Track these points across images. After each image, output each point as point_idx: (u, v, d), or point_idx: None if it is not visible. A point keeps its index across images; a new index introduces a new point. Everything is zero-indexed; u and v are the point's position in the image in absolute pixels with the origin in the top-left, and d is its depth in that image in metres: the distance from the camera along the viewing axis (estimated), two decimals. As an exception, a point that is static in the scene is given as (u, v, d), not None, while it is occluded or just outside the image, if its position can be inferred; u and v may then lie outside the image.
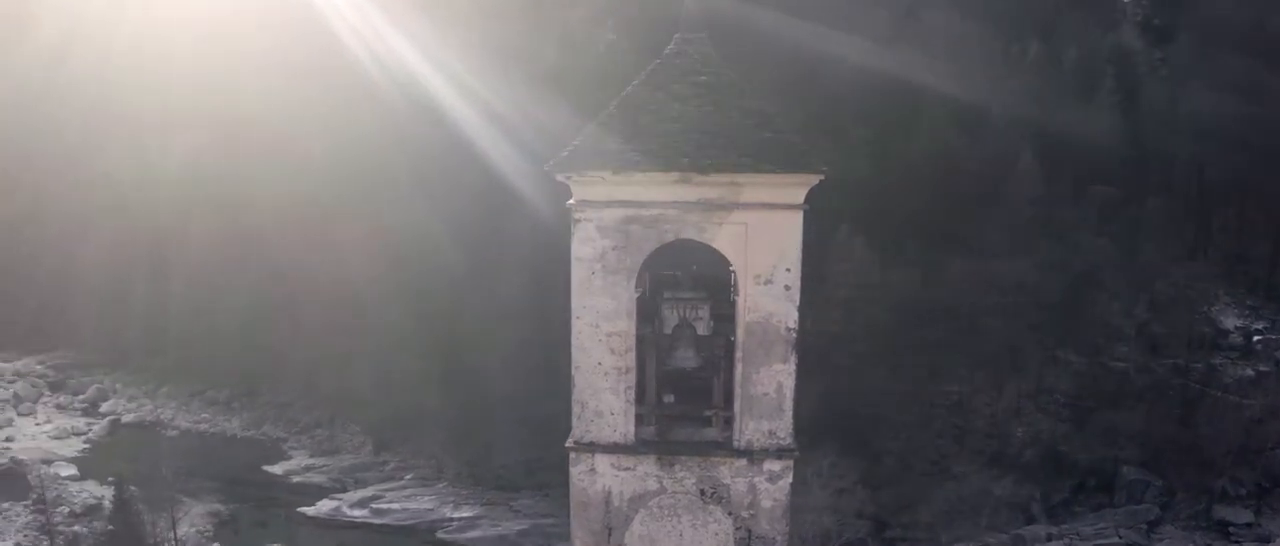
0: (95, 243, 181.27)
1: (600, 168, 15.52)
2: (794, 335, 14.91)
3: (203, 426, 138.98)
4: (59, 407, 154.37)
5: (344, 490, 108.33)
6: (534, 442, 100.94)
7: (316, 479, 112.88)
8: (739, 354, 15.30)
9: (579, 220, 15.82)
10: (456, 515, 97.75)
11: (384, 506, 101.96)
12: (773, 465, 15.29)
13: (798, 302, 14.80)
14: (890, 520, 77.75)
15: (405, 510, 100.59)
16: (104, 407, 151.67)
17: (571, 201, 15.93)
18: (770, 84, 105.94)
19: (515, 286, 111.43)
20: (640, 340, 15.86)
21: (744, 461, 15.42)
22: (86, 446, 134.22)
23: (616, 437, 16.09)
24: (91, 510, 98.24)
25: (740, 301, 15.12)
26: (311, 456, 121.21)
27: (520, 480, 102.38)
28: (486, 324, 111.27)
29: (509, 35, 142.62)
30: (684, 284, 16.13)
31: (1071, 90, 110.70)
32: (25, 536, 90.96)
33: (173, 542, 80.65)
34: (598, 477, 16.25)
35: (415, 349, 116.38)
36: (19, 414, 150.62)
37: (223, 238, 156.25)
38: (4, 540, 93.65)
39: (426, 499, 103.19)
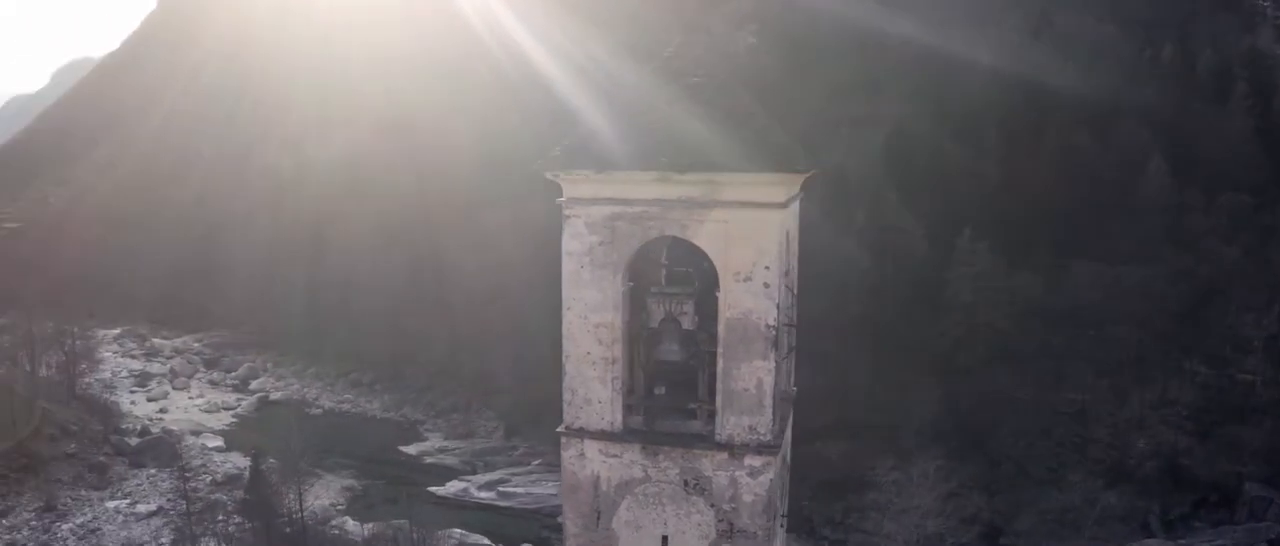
0: (255, 231, 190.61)
1: (585, 166, 16.01)
2: (774, 332, 14.96)
3: (345, 406, 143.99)
4: (212, 383, 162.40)
5: (473, 472, 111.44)
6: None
7: (448, 461, 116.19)
8: (720, 349, 15.51)
9: (569, 216, 16.35)
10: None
11: (510, 490, 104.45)
12: (753, 460, 15.41)
13: (778, 300, 14.83)
14: (1004, 526, 75.96)
15: (529, 494, 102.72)
16: (253, 385, 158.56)
17: (561, 199, 16.46)
18: (902, 87, 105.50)
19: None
20: (628, 332, 16.23)
21: (725, 455, 15.58)
22: (234, 421, 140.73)
23: (604, 425, 16.50)
24: (232, 480, 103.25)
25: (721, 298, 15.28)
26: (446, 439, 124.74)
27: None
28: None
29: (648, 37, 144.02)
30: (671, 279, 16.40)
31: (1205, 94, 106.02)
32: (168, 501, 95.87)
33: (299, 512, 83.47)
34: (587, 463, 16.69)
35: (550, 338, 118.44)
36: (174, 388, 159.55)
37: (373, 228, 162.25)
38: (149, 503, 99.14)
39: (550, 484, 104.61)
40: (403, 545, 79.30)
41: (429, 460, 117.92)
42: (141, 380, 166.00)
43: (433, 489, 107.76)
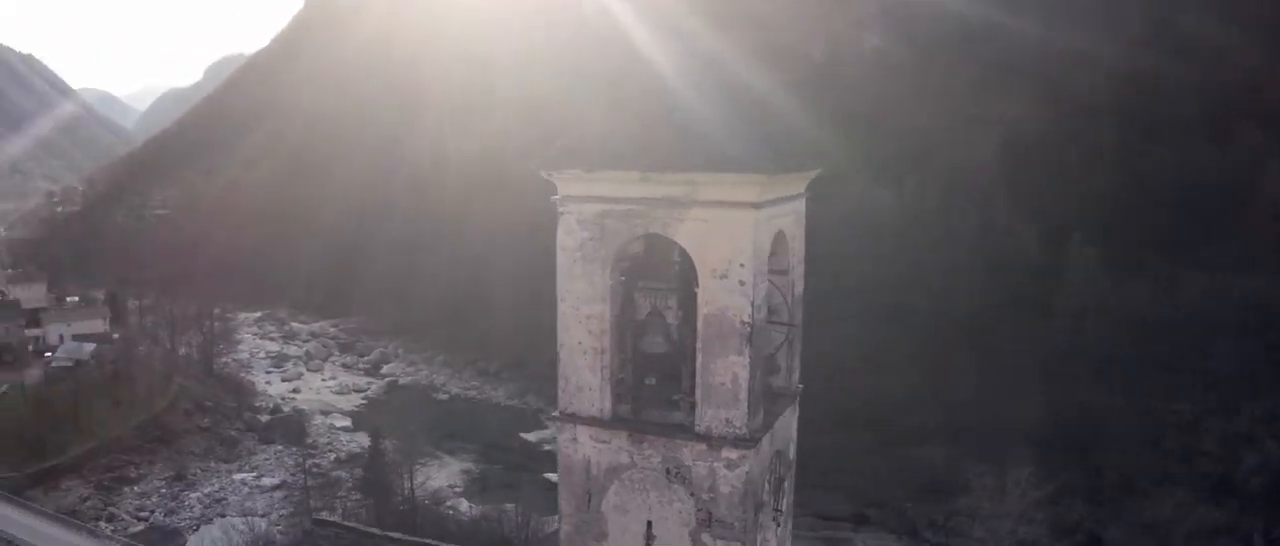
0: (394, 221, 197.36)
1: (574, 165, 16.65)
2: (748, 329, 15.27)
3: (471, 392, 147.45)
4: (345, 367, 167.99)
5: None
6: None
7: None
8: (699, 344, 15.98)
9: (562, 213, 17.01)
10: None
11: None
12: (730, 452, 15.76)
13: (752, 298, 15.14)
14: (1104, 535, 73.49)
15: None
16: (385, 369, 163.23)
17: (556, 196, 17.19)
18: (1020, 87, 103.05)
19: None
20: (616, 324, 16.84)
21: (704, 446, 16.00)
22: (363, 402, 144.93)
23: (594, 411, 17.08)
24: (354, 458, 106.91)
25: (699, 294, 15.69)
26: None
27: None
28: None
29: (775, 37, 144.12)
30: (657, 274, 16.87)
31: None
32: (291, 475, 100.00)
33: (412, 492, 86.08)
34: (579, 446, 17.36)
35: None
36: (309, 370, 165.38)
37: (507, 220, 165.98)
38: (274, 477, 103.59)
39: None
40: (508, 526, 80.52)
41: (547, 447, 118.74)
42: (278, 361, 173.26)
43: (547, 475, 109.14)
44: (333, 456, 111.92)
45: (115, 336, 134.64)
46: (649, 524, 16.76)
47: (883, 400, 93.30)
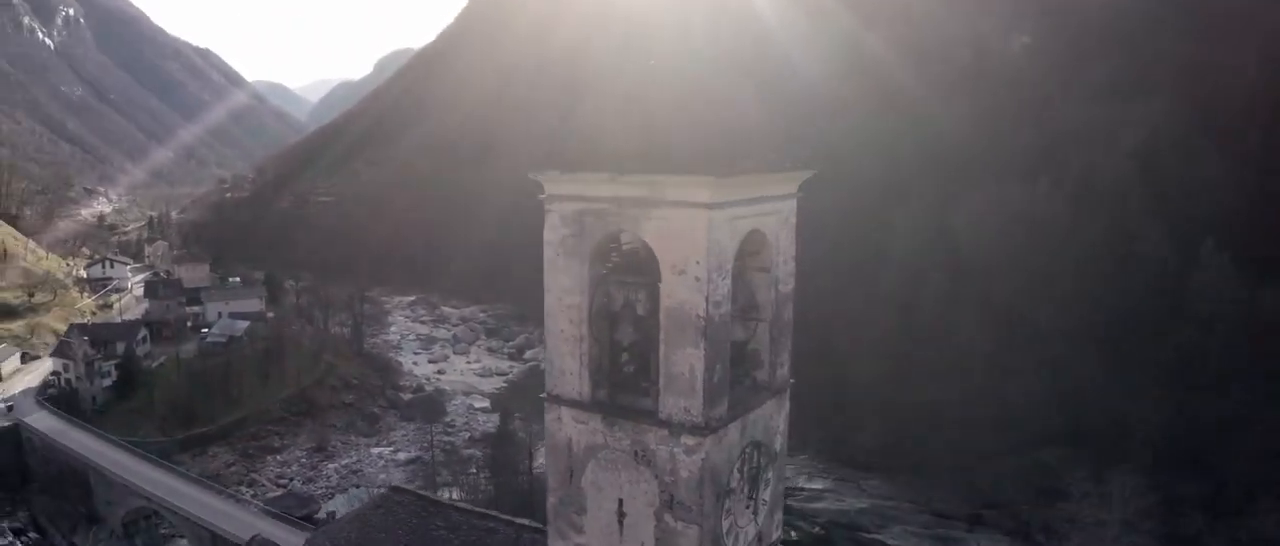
0: (538, 209, 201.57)
1: (554, 166, 17.86)
2: (703, 323, 16.02)
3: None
4: (490, 350, 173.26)
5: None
6: (890, 428, 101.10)
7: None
8: (661, 335, 16.89)
9: (548, 210, 18.25)
10: (808, 486, 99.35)
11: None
12: (688, 439, 16.58)
13: (707, 294, 15.86)
14: (1222, 548, 70.36)
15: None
16: (527, 354, 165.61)
17: (542, 195, 18.40)
18: (1164, 90, 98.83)
19: (887, 280, 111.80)
20: (594, 314, 17.89)
21: (665, 431, 16.87)
22: (503, 385, 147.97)
23: (574, 394, 18.17)
24: (486, 437, 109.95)
25: (662, 288, 16.64)
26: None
27: (873, 461, 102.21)
28: (862, 311, 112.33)
29: (923, 37, 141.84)
30: (633, 268, 17.81)
31: None
32: (424, 451, 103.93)
33: (529, 470, 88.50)
34: (562, 426, 18.46)
35: (814, 326, 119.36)
36: (454, 352, 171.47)
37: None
38: (409, 452, 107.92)
39: (785, 467, 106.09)
40: None
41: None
42: (427, 343, 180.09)
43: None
44: (466, 435, 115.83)
45: (269, 315, 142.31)
46: (620, 501, 17.85)
47: (1006, 402, 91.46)
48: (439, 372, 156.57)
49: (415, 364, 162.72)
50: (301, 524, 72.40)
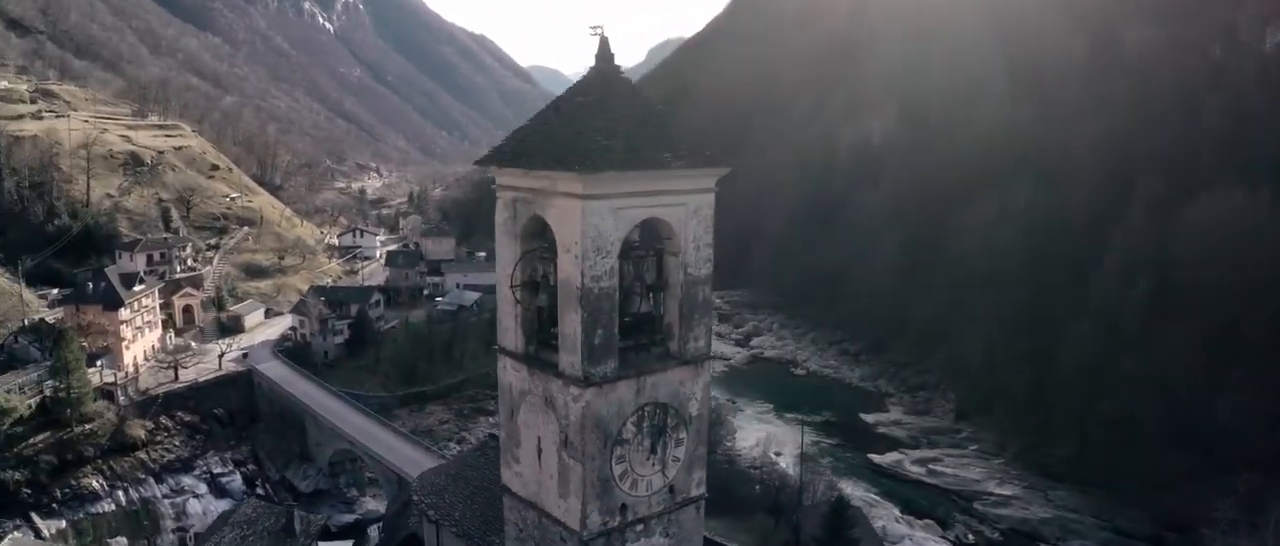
0: (784, 201, 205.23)
1: (494, 162, 21.71)
2: (579, 293, 19.15)
3: (827, 371, 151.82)
4: (719, 336, 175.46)
5: (916, 447, 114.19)
6: (1086, 439, 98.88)
7: (897, 433, 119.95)
8: (558, 301, 20.38)
9: (498, 197, 22.15)
10: (997, 491, 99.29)
11: (940, 469, 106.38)
12: (574, 390, 19.86)
13: (583, 270, 18.92)
14: None
15: (956, 476, 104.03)
16: (754, 342, 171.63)
17: (494, 184, 22.26)
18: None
19: (1096, 288, 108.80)
20: (523, 282, 21.64)
21: (561, 382, 20.34)
22: (724, 369, 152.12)
23: (511, 347, 22.07)
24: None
25: (557, 263, 20.11)
26: (904, 414, 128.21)
27: (1066, 472, 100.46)
28: (1066, 318, 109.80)
29: (1159, 38, 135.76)
30: (548, 246, 21.20)
31: None
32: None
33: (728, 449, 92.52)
34: (506, 373, 22.39)
35: (1020, 330, 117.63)
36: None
37: (879, 208, 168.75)
38: None
39: (978, 470, 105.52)
40: (784, 495, 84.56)
41: (881, 430, 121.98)
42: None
43: (872, 456, 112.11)
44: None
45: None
46: (539, 438, 21.70)
47: (1208, 421, 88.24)
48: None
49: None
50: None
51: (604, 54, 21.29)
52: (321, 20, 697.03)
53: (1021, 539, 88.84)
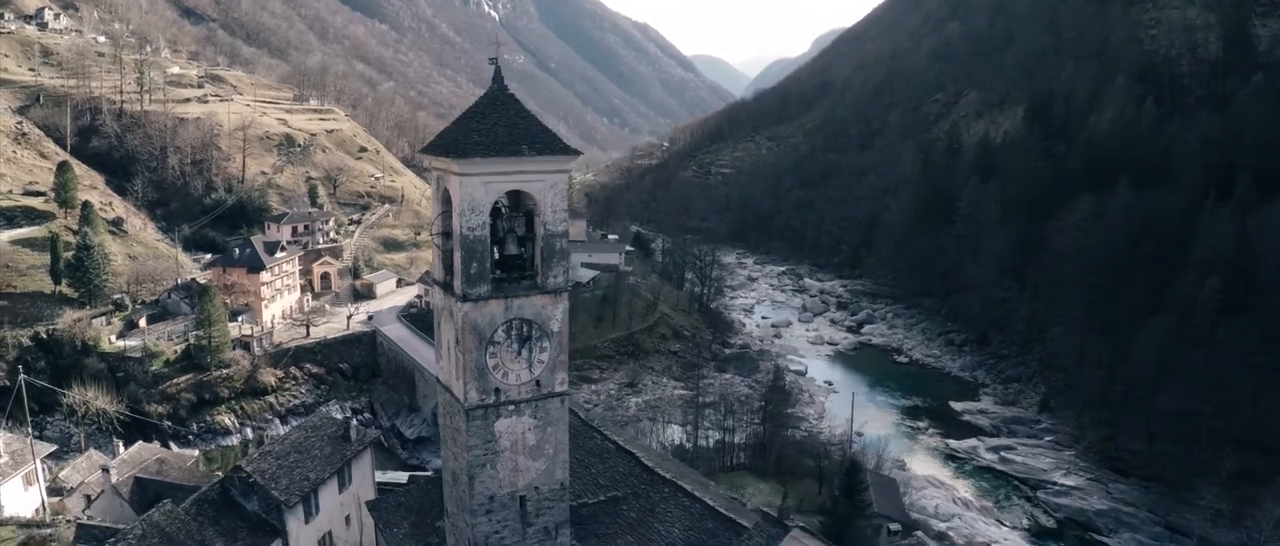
0: (905, 194, 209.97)
1: (423, 151, 31.37)
2: (462, 239, 27.83)
3: (929, 360, 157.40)
4: (832, 322, 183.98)
5: (995, 436, 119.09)
6: (1156, 434, 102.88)
7: (981, 421, 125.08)
8: (454, 244, 29.34)
9: (428, 175, 31.83)
10: (1062, 482, 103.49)
11: (1012, 457, 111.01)
12: (459, 304, 28.09)
13: (461, 223, 27.90)
14: None
15: (1025, 465, 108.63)
16: (865, 329, 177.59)
17: (425, 167, 31.85)
18: None
19: (1181, 282, 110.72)
20: (442, 231, 30.95)
21: (455, 299, 29.15)
22: (830, 354, 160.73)
23: (436, 277, 31.26)
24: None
25: (452, 218, 29.50)
26: (994, 403, 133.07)
27: (1133, 466, 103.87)
28: (1145, 312, 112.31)
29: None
30: (449, 209, 30.52)
31: None
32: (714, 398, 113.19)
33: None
34: (434, 294, 31.64)
35: (1106, 328, 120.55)
36: (799, 320, 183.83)
37: (990, 202, 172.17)
38: (705, 397, 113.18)
39: (1047, 459, 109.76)
40: (830, 468, 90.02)
41: (966, 417, 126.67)
42: (777, 309, 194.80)
43: (950, 440, 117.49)
44: (762, 390, 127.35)
45: (626, 269, 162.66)
46: (447, 340, 31.34)
47: (1276, 422, 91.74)
48: (776, 336, 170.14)
49: (757, 326, 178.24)
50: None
51: (497, 78, 30.57)
52: (487, 8, 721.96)
53: (1075, 528, 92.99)
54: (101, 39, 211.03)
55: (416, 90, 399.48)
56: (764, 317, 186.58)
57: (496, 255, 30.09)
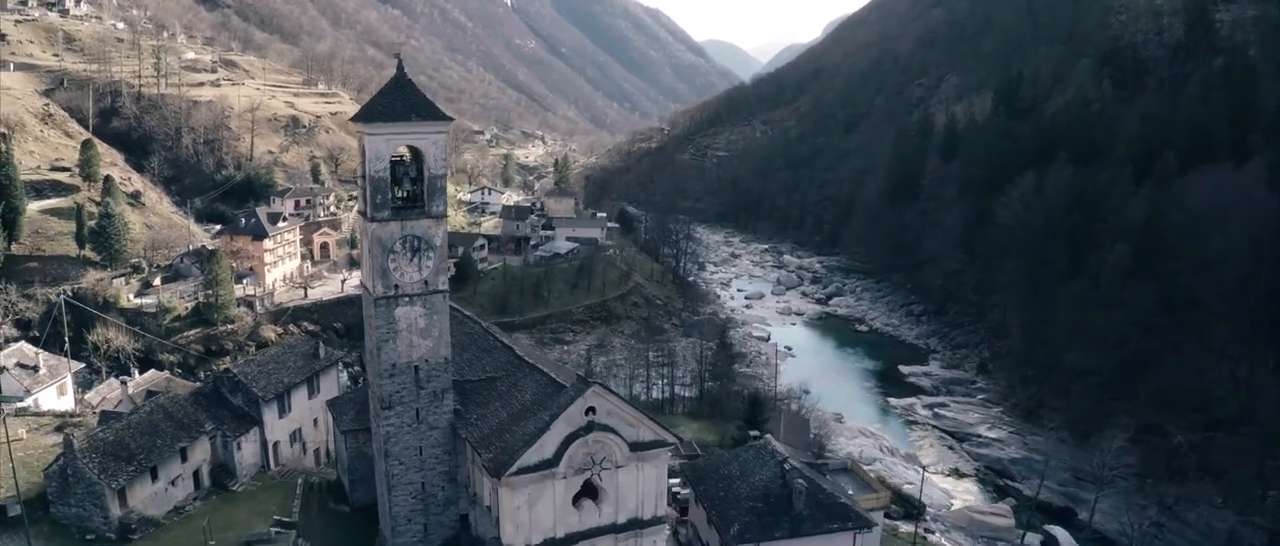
0: (879, 174, 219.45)
1: (351, 120, 43.42)
2: (368, 178, 40.09)
3: (888, 328, 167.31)
4: (803, 294, 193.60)
5: (934, 395, 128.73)
6: (1074, 390, 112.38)
7: (924, 383, 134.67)
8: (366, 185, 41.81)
9: (359, 135, 43.80)
10: (987, 434, 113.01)
11: (944, 413, 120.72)
12: (368, 224, 40.36)
13: (368, 167, 39.88)
14: None
15: (955, 420, 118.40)
16: (832, 301, 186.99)
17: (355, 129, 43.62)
18: None
19: (1097, 259, 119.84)
20: (375, 182, 42.84)
21: (366, 221, 41.69)
22: (792, 325, 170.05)
23: (362, 209, 43.89)
24: (740, 358, 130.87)
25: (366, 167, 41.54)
26: (940, 367, 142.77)
27: (1051, 420, 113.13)
28: (1066, 279, 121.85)
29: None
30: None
31: None
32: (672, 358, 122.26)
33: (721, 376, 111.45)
34: (366, 225, 43.25)
35: (1037, 294, 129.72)
36: (772, 293, 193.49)
37: (949, 180, 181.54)
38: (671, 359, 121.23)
39: (975, 414, 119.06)
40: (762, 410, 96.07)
41: (911, 379, 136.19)
42: (753, 281, 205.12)
43: (891, 399, 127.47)
44: (727, 351, 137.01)
45: (605, 242, 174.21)
46: (365, 253, 43.49)
47: (1163, 377, 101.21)
48: (747, 307, 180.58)
49: (732, 298, 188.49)
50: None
51: (400, 68, 42.49)
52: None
53: (991, 473, 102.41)
54: (120, 25, 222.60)
55: (426, 74, 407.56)
56: (739, 290, 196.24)
57: (399, 193, 41.43)
